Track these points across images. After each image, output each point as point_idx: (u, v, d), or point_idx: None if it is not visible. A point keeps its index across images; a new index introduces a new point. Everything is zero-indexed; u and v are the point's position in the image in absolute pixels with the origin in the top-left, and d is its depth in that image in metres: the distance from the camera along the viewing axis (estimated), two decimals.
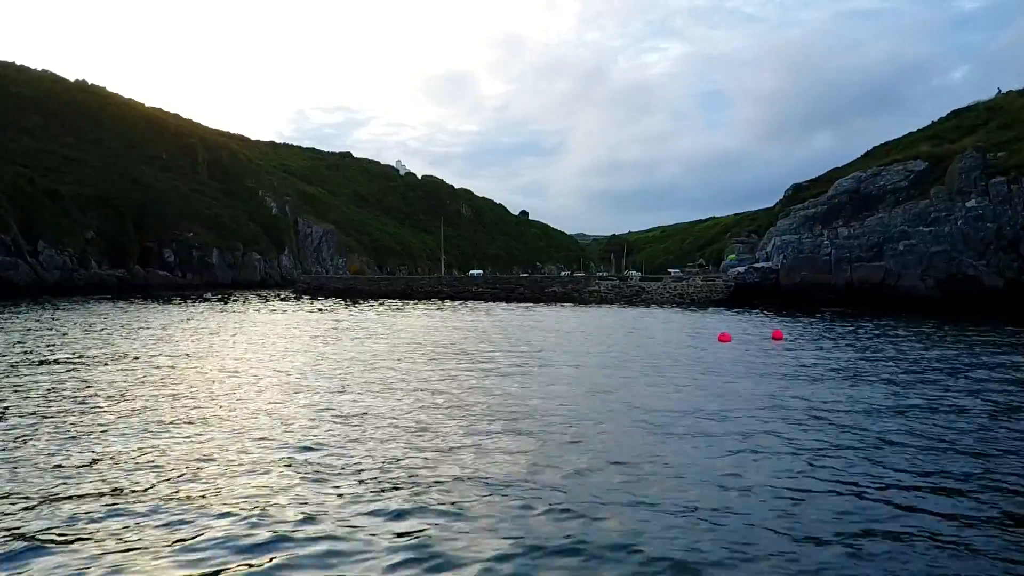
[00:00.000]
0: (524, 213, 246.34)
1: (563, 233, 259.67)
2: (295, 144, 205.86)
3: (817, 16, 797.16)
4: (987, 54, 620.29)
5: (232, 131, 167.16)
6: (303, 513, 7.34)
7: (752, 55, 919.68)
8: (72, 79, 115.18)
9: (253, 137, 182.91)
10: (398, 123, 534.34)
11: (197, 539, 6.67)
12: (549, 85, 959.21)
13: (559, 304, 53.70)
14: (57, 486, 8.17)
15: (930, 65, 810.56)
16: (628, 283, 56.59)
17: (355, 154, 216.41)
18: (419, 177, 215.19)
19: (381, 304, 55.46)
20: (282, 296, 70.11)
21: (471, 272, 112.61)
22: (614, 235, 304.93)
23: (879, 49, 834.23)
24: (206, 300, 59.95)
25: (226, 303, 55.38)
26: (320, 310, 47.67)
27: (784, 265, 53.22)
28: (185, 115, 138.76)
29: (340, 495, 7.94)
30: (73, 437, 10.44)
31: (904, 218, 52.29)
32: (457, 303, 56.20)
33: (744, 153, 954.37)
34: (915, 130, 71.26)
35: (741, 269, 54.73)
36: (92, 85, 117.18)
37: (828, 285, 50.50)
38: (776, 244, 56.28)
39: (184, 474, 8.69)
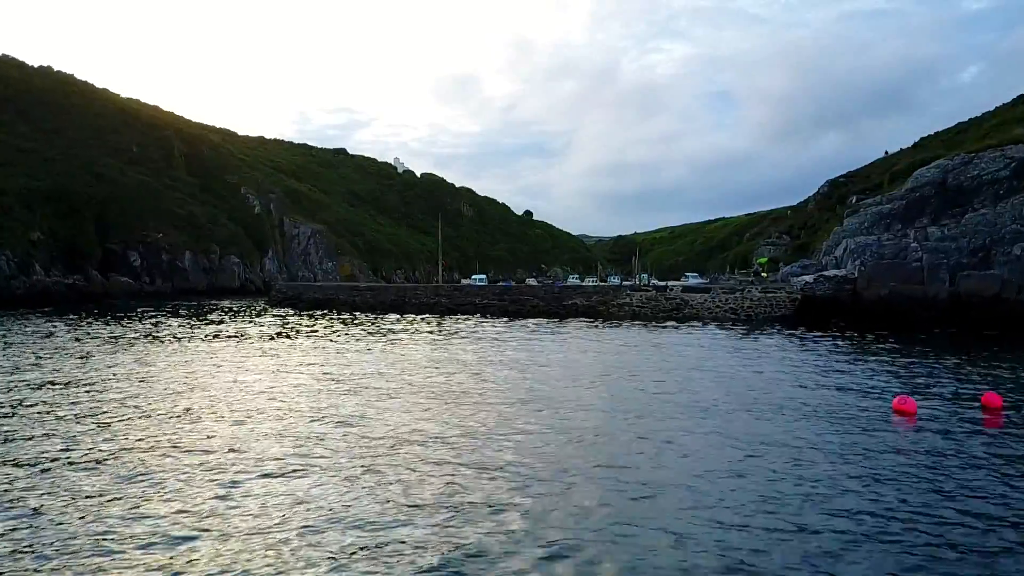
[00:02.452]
0: (528, 213, 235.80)
1: (568, 234, 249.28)
2: (286, 140, 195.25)
3: (822, 17, 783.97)
4: (997, 55, 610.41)
5: (217, 125, 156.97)
6: None
7: (759, 56, 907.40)
8: (36, 65, 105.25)
9: (241, 132, 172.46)
10: (401, 124, 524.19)
11: None
12: (557, 86, 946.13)
13: (584, 320, 43.59)
14: None
15: (939, 66, 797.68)
16: (668, 295, 46.37)
17: (354, 153, 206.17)
18: (418, 175, 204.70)
19: (363, 322, 45.32)
20: (251, 308, 59.78)
21: (472, 277, 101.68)
22: (620, 236, 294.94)
23: (887, 50, 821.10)
24: (153, 315, 49.69)
25: (171, 319, 45.12)
26: (275, 336, 37.55)
27: (862, 273, 42.98)
28: (166, 107, 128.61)
29: None
30: None
31: (1014, 214, 42.20)
32: (455, 319, 46.08)
33: (752, 154, 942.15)
34: (1003, 104, 61.09)
35: (809, 278, 44.58)
36: (58, 72, 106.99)
37: (923, 299, 40.29)
38: (849, 247, 46.10)
39: None
